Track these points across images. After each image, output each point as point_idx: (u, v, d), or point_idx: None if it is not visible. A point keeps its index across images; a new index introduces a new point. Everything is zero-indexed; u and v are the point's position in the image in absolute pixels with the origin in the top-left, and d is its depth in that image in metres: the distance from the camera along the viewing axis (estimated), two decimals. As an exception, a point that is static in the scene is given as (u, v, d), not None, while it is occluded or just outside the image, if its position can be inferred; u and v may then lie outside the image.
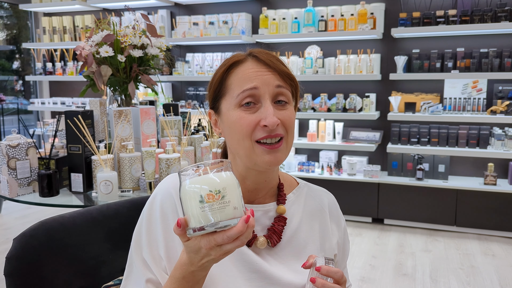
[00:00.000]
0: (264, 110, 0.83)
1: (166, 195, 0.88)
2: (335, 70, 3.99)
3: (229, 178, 0.66)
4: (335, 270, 0.81)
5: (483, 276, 2.89)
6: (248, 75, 0.85)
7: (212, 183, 0.65)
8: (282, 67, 0.88)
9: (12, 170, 1.84)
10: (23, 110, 6.19)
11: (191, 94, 4.72)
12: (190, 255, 0.71)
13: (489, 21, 3.50)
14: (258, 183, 0.91)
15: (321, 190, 1.03)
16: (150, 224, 0.88)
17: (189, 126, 2.11)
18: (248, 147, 0.84)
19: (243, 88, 0.84)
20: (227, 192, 0.65)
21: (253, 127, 0.83)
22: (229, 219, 0.65)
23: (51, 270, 0.96)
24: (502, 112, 3.58)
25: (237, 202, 0.66)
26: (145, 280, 0.85)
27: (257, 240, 0.89)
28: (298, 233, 0.94)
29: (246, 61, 0.87)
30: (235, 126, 0.85)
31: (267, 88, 0.84)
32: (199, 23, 4.37)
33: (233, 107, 0.85)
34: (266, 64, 0.86)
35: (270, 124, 0.82)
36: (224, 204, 0.64)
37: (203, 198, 0.64)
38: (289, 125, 0.86)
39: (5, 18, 6.32)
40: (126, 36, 1.99)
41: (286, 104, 0.87)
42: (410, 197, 3.79)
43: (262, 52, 0.88)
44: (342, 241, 1.01)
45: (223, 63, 0.90)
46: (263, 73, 0.85)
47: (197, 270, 0.73)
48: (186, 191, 0.66)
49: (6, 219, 4.10)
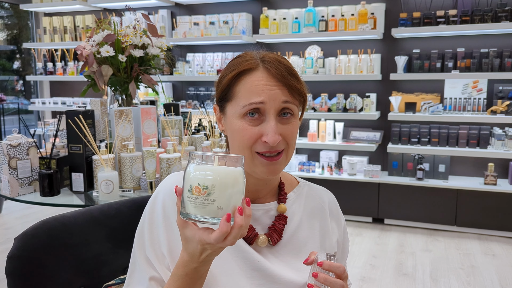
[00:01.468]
0: (267, 126, 0.83)
1: (168, 193, 0.88)
2: (335, 70, 3.99)
3: (226, 176, 0.65)
4: (337, 265, 0.81)
5: (483, 276, 2.90)
6: (256, 87, 0.83)
7: (203, 178, 0.64)
8: (293, 82, 0.85)
9: (13, 169, 1.84)
10: (23, 110, 6.19)
11: (192, 94, 4.72)
12: (189, 249, 0.72)
13: (489, 21, 3.50)
14: (259, 185, 0.92)
15: (321, 189, 1.04)
16: (152, 222, 0.88)
17: (190, 126, 2.11)
18: (247, 157, 0.85)
19: (250, 101, 0.83)
20: (214, 191, 0.64)
21: (254, 139, 0.84)
22: (210, 216, 0.65)
23: (52, 269, 0.96)
24: (503, 112, 3.58)
25: (224, 203, 0.65)
26: (149, 278, 0.85)
27: (258, 238, 0.90)
28: (299, 232, 0.94)
29: (257, 70, 0.85)
30: (238, 135, 0.85)
31: (273, 104, 0.83)
32: (199, 23, 4.38)
33: (238, 116, 0.85)
34: (276, 78, 0.84)
35: (271, 142, 0.82)
36: (207, 202, 0.64)
37: (191, 189, 0.65)
38: (291, 139, 0.86)
39: (5, 18, 6.32)
40: (127, 36, 1.99)
41: (291, 117, 0.86)
42: (411, 197, 3.79)
43: (274, 62, 0.85)
44: (342, 240, 1.02)
45: (232, 66, 0.87)
46: (271, 87, 0.83)
47: (199, 265, 0.73)
48: (185, 174, 0.67)
49: (7, 218, 4.10)
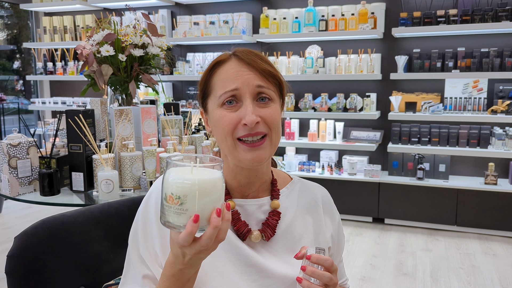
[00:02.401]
0: (244, 109, 0.85)
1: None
2: (335, 69, 3.99)
3: (201, 185, 0.64)
4: (325, 258, 0.82)
5: (483, 275, 2.89)
6: (229, 75, 0.86)
7: (176, 187, 0.64)
8: (264, 65, 0.88)
9: (13, 169, 1.84)
10: (23, 110, 6.19)
11: (192, 94, 4.72)
12: (173, 250, 0.72)
13: (490, 20, 3.50)
14: (249, 178, 0.92)
15: (315, 185, 1.05)
16: (145, 221, 0.89)
17: (190, 126, 2.11)
18: (230, 145, 0.86)
19: (225, 90, 0.86)
20: (186, 201, 0.64)
21: (234, 125, 0.85)
22: (183, 225, 0.65)
23: (52, 268, 0.96)
24: (503, 111, 3.58)
25: (199, 212, 0.64)
26: (142, 276, 0.86)
27: (252, 234, 0.90)
28: (292, 227, 0.95)
29: (229, 60, 0.89)
30: (218, 124, 0.87)
31: (247, 88, 0.85)
32: (199, 22, 4.38)
33: (217, 107, 0.87)
34: (247, 64, 0.87)
35: (249, 122, 0.83)
36: (180, 211, 0.64)
37: (166, 197, 0.66)
38: (272, 122, 0.87)
39: (5, 18, 6.32)
40: (127, 36, 1.99)
41: (269, 101, 0.87)
42: (411, 197, 3.79)
43: (244, 52, 0.89)
44: (337, 234, 1.02)
45: (209, 64, 0.92)
46: (243, 73, 0.86)
47: (185, 267, 0.72)
48: (162, 181, 0.67)
49: (7, 218, 4.10)
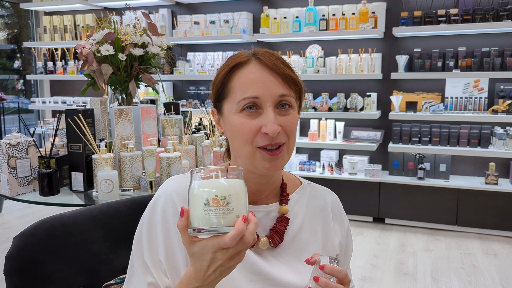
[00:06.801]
0: (265, 117, 0.82)
1: (168, 198, 0.86)
2: (336, 69, 3.99)
3: (237, 186, 0.67)
4: (339, 269, 0.79)
5: (484, 275, 2.89)
6: (250, 80, 0.83)
7: (220, 189, 0.66)
8: (287, 71, 0.84)
9: (12, 169, 1.83)
10: (24, 109, 6.18)
11: (192, 93, 4.71)
12: (197, 264, 0.69)
13: (490, 20, 3.49)
14: (260, 185, 0.90)
15: (325, 190, 1.02)
16: (151, 227, 0.86)
17: (190, 125, 2.10)
18: (249, 152, 0.84)
19: (245, 96, 0.82)
20: (232, 200, 0.66)
21: (254, 133, 0.82)
22: (229, 226, 0.66)
23: (51, 269, 0.95)
24: (504, 111, 3.57)
25: (241, 211, 0.67)
26: (147, 284, 0.83)
27: (259, 240, 0.88)
28: (301, 234, 0.92)
29: (249, 63, 0.85)
30: (237, 130, 0.84)
31: (269, 97, 0.82)
32: (200, 22, 4.37)
33: (235, 112, 0.84)
34: (270, 69, 0.83)
35: (271, 133, 0.81)
36: (227, 211, 0.66)
37: (208, 202, 0.66)
38: (291, 131, 0.85)
39: (6, 17, 6.32)
40: (127, 35, 1.98)
41: (289, 108, 0.85)
42: (411, 197, 3.78)
43: (266, 54, 0.85)
44: (345, 242, 1.00)
45: (226, 63, 0.87)
46: (266, 78, 0.83)
47: (202, 286, 0.70)
48: (194, 191, 0.67)
49: (7, 218, 4.10)
